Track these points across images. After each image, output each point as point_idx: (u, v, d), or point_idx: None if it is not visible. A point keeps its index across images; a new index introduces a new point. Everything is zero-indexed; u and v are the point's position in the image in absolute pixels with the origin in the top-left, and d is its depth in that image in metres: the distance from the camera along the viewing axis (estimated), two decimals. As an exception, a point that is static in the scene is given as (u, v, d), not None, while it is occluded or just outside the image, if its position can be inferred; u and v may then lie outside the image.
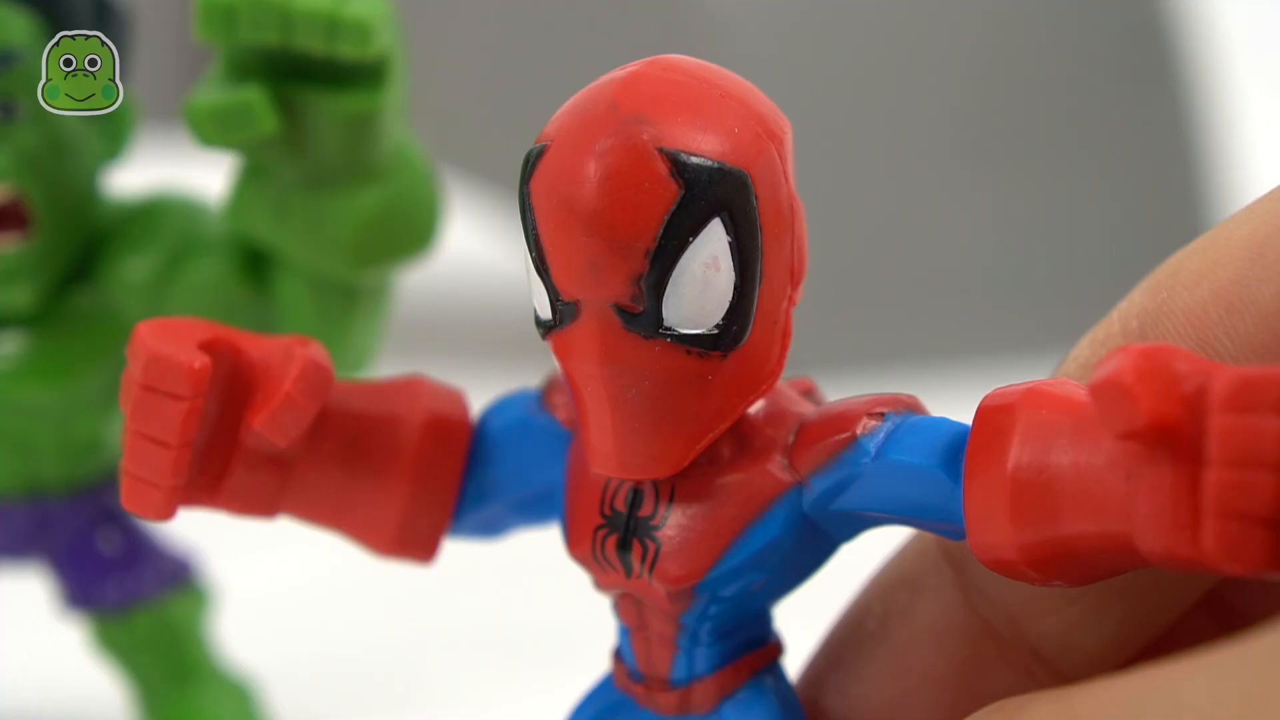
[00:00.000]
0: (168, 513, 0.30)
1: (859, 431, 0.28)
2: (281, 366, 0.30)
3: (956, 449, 0.27)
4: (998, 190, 0.74)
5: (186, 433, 0.29)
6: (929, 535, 0.30)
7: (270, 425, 0.29)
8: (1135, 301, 0.29)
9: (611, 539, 0.28)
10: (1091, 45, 0.77)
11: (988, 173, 0.74)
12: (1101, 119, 0.77)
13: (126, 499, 0.30)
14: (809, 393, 0.29)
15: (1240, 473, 0.22)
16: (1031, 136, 0.75)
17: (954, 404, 0.29)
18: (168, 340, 0.29)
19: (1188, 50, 0.78)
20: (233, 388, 0.30)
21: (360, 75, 0.36)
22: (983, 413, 0.27)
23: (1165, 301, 0.28)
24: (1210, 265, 0.28)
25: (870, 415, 0.28)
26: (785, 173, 0.27)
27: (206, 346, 0.29)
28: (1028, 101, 0.75)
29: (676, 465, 0.27)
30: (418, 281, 0.50)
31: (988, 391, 0.27)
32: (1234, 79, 0.94)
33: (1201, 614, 0.30)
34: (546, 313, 0.27)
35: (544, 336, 0.28)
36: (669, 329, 0.26)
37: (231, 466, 0.30)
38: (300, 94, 0.36)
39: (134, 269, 0.39)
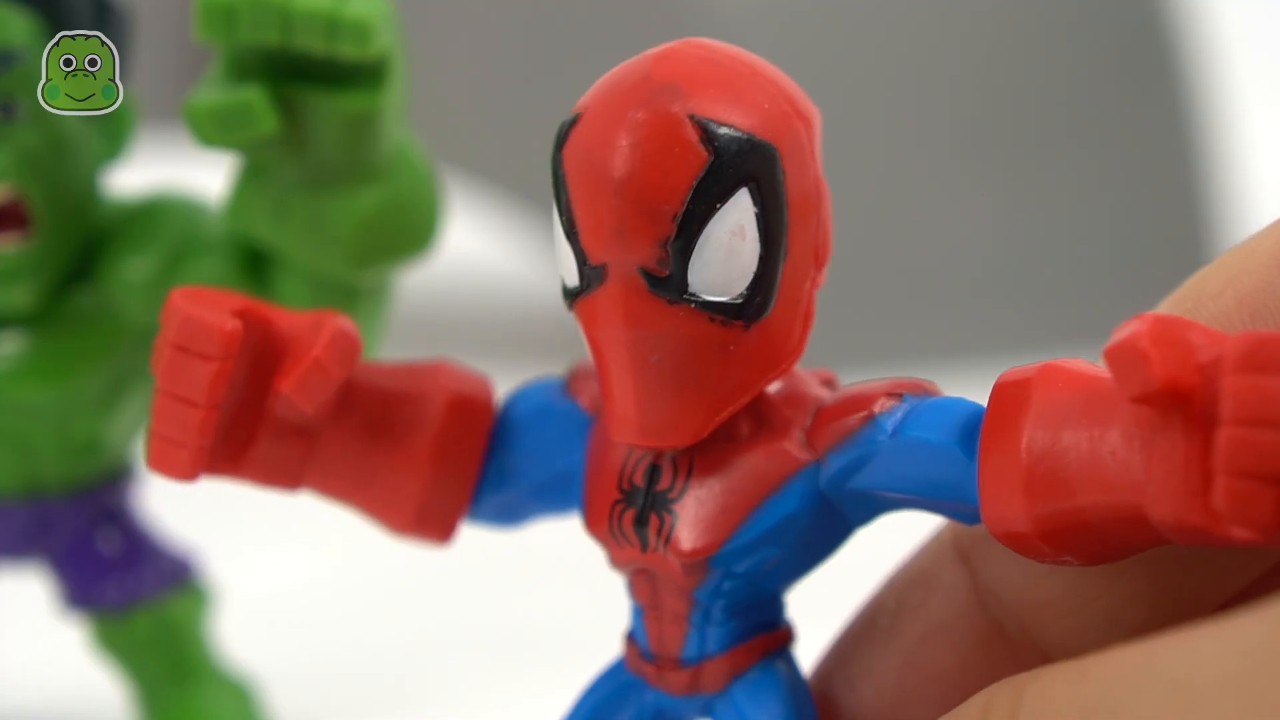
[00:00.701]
0: (192, 473, 0.30)
1: (877, 410, 0.28)
2: (310, 335, 0.30)
3: (973, 427, 0.27)
4: (998, 190, 0.75)
5: (215, 393, 0.29)
6: (945, 536, 0.31)
7: (298, 389, 0.30)
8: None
9: (629, 514, 0.29)
10: (1092, 46, 0.77)
11: (988, 173, 0.74)
12: (1102, 120, 0.77)
13: (153, 459, 0.30)
14: (829, 383, 0.30)
15: (1252, 431, 0.23)
16: (1032, 137, 0.75)
17: (966, 401, 0.29)
18: (201, 304, 0.30)
19: (1188, 51, 0.78)
20: (262, 357, 0.30)
21: (360, 75, 0.36)
22: (999, 389, 0.27)
23: (1190, 311, 0.28)
24: (1235, 275, 0.28)
25: (889, 395, 0.28)
26: (813, 154, 0.28)
27: (239, 314, 0.30)
28: (1028, 102, 0.75)
29: (696, 434, 0.28)
30: (418, 281, 0.50)
31: (988, 391, 0.27)
32: (1234, 80, 0.94)
33: None
34: (573, 279, 0.28)
35: (570, 306, 0.28)
36: (694, 295, 0.27)
37: (258, 436, 0.30)
38: (300, 94, 0.36)
39: (134, 269, 0.39)
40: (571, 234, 0.27)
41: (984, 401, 0.27)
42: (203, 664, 0.42)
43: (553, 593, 0.49)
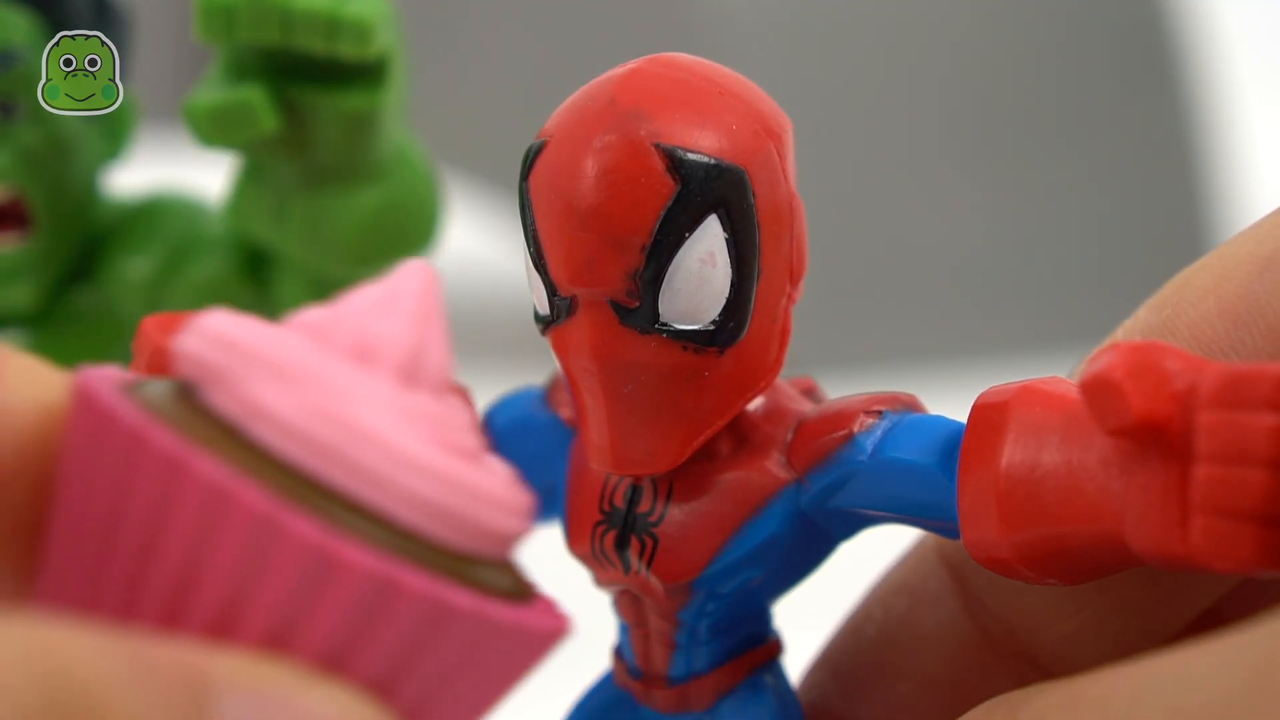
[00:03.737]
0: None
1: (856, 429, 0.28)
2: None
3: (952, 447, 0.27)
4: (997, 190, 0.75)
5: None
6: (929, 543, 0.30)
7: None
8: (1140, 318, 0.29)
9: (610, 535, 0.28)
10: (1091, 45, 0.77)
11: (987, 173, 0.74)
12: (1101, 119, 0.77)
13: None
14: (809, 391, 0.29)
15: (1228, 469, 0.22)
16: (1031, 137, 0.75)
17: (953, 404, 0.29)
18: (172, 334, 0.29)
19: (1188, 50, 0.78)
20: None
21: (360, 75, 0.36)
22: (977, 410, 0.27)
23: (1170, 318, 0.28)
24: (1216, 280, 0.27)
25: (868, 413, 0.28)
26: (784, 170, 0.27)
27: None
28: (1027, 102, 0.76)
29: (673, 461, 0.27)
30: (418, 281, 0.50)
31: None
32: (1233, 79, 0.94)
33: (1199, 632, 0.30)
34: (545, 308, 0.27)
35: (543, 332, 0.28)
36: (665, 324, 0.27)
37: None
38: (300, 94, 0.36)
39: (134, 269, 0.39)
40: (540, 264, 0.27)
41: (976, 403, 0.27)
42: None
43: (552, 592, 0.49)
